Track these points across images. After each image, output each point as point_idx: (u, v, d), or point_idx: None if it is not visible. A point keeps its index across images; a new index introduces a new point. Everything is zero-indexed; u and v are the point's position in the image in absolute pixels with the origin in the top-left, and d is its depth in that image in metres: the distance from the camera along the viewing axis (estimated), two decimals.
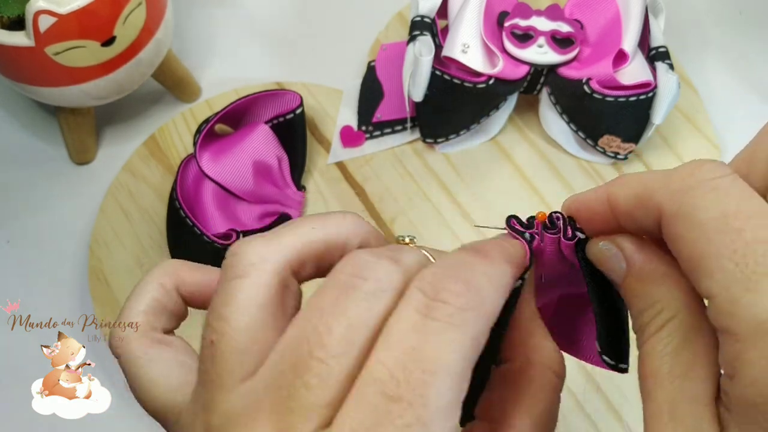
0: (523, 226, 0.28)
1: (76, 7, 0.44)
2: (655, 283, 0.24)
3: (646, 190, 0.23)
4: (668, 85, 0.49)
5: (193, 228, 0.47)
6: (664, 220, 0.22)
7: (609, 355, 0.29)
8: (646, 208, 0.23)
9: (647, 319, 0.24)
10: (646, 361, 0.24)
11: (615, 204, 0.25)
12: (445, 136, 0.53)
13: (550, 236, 0.28)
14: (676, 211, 0.22)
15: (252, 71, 0.60)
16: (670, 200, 0.22)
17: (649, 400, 0.24)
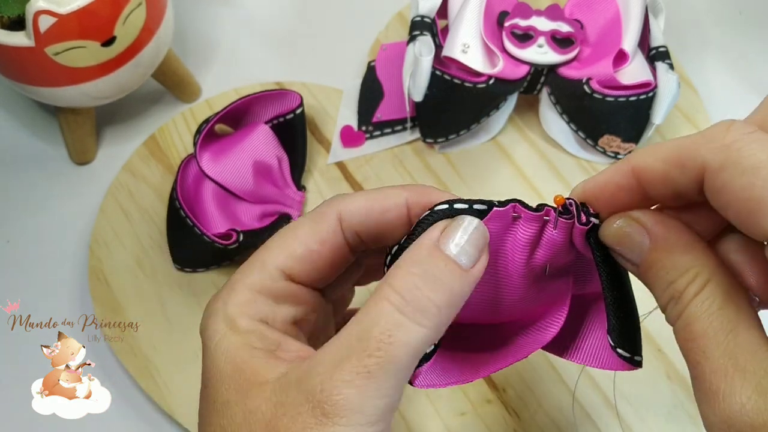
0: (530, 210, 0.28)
1: (76, 7, 0.44)
2: (684, 250, 0.26)
3: (684, 150, 0.24)
4: (668, 85, 0.49)
5: (193, 228, 0.47)
6: (710, 174, 0.24)
7: (624, 347, 0.29)
8: (685, 167, 0.24)
9: (682, 286, 0.25)
10: (693, 325, 0.25)
11: (643, 173, 0.26)
12: (445, 136, 0.53)
13: (564, 222, 0.28)
14: (722, 162, 0.23)
15: (252, 71, 0.60)
16: (714, 154, 0.23)
17: (705, 359, 0.24)
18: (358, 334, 0.25)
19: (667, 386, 0.46)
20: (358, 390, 0.25)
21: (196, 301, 0.50)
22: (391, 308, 0.25)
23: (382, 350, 0.25)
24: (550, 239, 0.28)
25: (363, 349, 0.25)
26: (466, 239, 0.27)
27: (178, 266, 0.50)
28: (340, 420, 0.25)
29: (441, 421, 0.45)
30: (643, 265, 0.27)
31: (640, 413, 0.45)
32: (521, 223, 0.28)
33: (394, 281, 0.26)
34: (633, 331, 0.29)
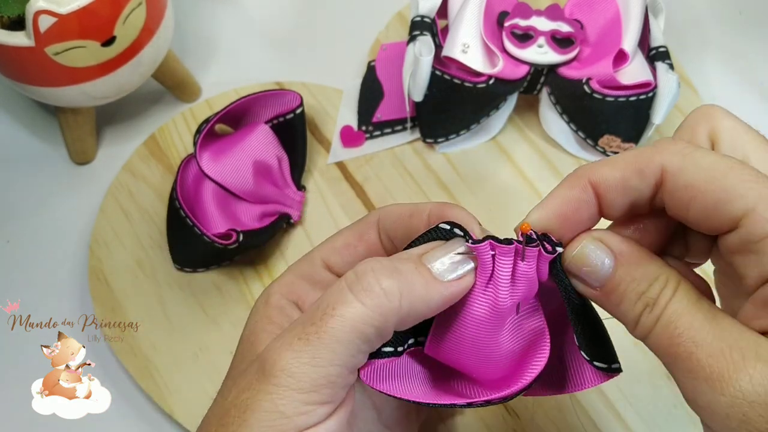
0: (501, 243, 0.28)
1: (76, 7, 0.44)
2: (651, 261, 0.28)
3: (641, 158, 0.27)
4: (668, 85, 0.49)
5: (193, 228, 0.47)
6: (671, 175, 0.26)
7: (598, 359, 0.29)
8: (644, 172, 0.27)
9: (656, 292, 0.27)
10: (677, 321, 0.26)
11: (601, 183, 0.28)
12: (445, 136, 0.53)
13: (530, 251, 0.28)
14: (681, 164, 0.26)
15: (252, 71, 0.60)
16: (672, 158, 0.26)
17: (697, 347, 0.25)
18: (313, 306, 0.28)
19: (667, 386, 0.46)
20: (292, 353, 0.26)
21: (196, 301, 0.50)
22: (343, 285, 0.27)
23: (323, 320, 0.27)
24: (522, 274, 0.29)
25: (308, 318, 0.27)
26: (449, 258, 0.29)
27: (178, 266, 0.50)
28: (273, 380, 0.26)
29: (441, 421, 0.45)
30: (607, 285, 0.28)
31: (640, 413, 0.45)
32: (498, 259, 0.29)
33: (358, 266, 0.28)
34: (603, 342, 0.30)
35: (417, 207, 0.32)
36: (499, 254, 0.28)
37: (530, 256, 0.28)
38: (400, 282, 0.27)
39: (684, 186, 0.26)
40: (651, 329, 0.27)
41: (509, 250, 0.28)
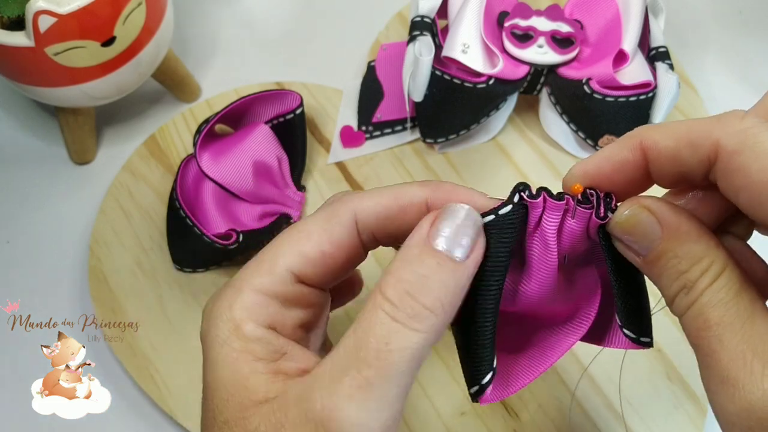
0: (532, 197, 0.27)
1: (76, 7, 0.44)
2: (696, 240, 0.26)
3: (697, 131, 0.25)
4: (668, 85, 0.49)
5: (193, 228, 0.47)
6: (724, 156, 0.24)
7: (630, 328, 0.29)
8: (697, 147, 0.25)
9: (696, 275, 0.25)
10: (708, 313, 0.24)
11: (652, 148, 0.26)
12: (445, 136, 0.53)
13: (582, 211, 0.27)
14: (738, 145, 0.24)
15: (252, 71, 0.60)
16: (730, 137, 0.24)
17: (721, 347, 0.24)
18: (355, 345, 0.25)
19: (667, 386, 0.46)
20: (358, 405, 0.24)
21: (196, 301, 0.50)
22: (385, 316, 0.25)
23: (380, 359, 0.24)
24: (569, 229, 0.28)
25: (361, 359, 0.24)
26: (455, 230, 0.26)
27: (178, 266, 0.50)
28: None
29: (441, 421, 0.45)
30: (650, 255, 0.26)
31: (640, 413, 0.45)
32: (547, 212, 0.28)
33: (386, 289, 0.25)
34: (639, 313, 0.29)
35: (404, 197, 0.29)
36: (548, 209, 0.27)
37: (580, 216, 0.27)
38: (436, 291, 0.25)
39: (736, 170, 0.24)
40: (684, 312, 0.25)
41: (559, 206, 0.27)
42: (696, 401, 0.45)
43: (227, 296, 0.28)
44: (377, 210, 0.29)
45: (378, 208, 0.29)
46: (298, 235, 0.29)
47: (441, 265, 0.26)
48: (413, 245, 0.26)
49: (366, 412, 0.24)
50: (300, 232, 0.29)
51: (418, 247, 0.26)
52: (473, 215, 0.27)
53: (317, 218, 0.29)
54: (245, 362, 0.27)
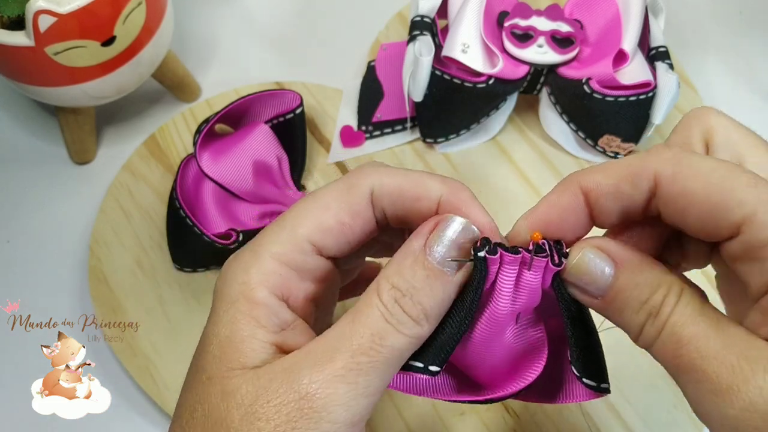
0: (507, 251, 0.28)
1: (76, 7, 0.44)
2: (653, 268, 0.27)
3: (634, 166, 0.26)
4: (668, 85, 0.49)
5: (193, 228, 0.47)
6: (665, 182, 0.26)
7: (589, 376, 0.29)
8: (636, 180, 0.26)
9: (659, 300, 0.26)
10: (681, 331, 0.25)
11: (593, 190, 0.27)
12: (445, 136, 0.53)
13: (539, 260, 0.27)
14: (675, 171, 0.25)
15: (252, 71, 0.60)
16: (666, 165, 0.26)
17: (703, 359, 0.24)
18: (350, 332, 0.26)
19: (667, 386, 0.46)
20: (348, 386, 0.25)
21: (196, 301, 0.50)
22: (380, 315, 0.26)
23: (374, 350, 0.26)
24: (526, 282, 0.28)
25: (356, 346, 0.26)
26: (450, 244, 0.27)
27: (178, 266, 0.50)
28: (326, 415, 0.25)
29: (441, 421, 0.45)
30: (609, 293, 0.27)
31: (640, 413, 0.45)
32: (503, 267, 0.28)
33: (381, 292, 0.27)
34: (597, 360, 0.29)
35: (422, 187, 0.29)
36: (505, 263, 0.28)
37: (537, 266, 0.28)
38: (425, 301, 0.27)
39: (679, 194, 0.25)
40: (654, 339, 0.26)
41: (515, 260, 0.28)
42: None
43: (245, 258, 0.29)
44: (394, 191, 0.29)
45: (395, 190, 0.29)
46: (317, 204, 0.29)
47: (430, 278, 0.27)
48: (408, 253, 0.28)
49: (353, 393, 0.25)
50: (319, 201, 0.29)
51: (413, 255, 0.27)
52: (470, 231, 0.28)
53: (337, 188, 0.30)
54: (246, 325, 0.27)
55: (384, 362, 0.26)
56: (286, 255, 0.29)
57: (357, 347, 0.26)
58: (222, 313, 0.28)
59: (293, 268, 0.29)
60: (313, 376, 0.25)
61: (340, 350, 0.26)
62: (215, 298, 0.29)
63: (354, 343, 0.26)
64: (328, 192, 0.29)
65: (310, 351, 0.26)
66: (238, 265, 0.29)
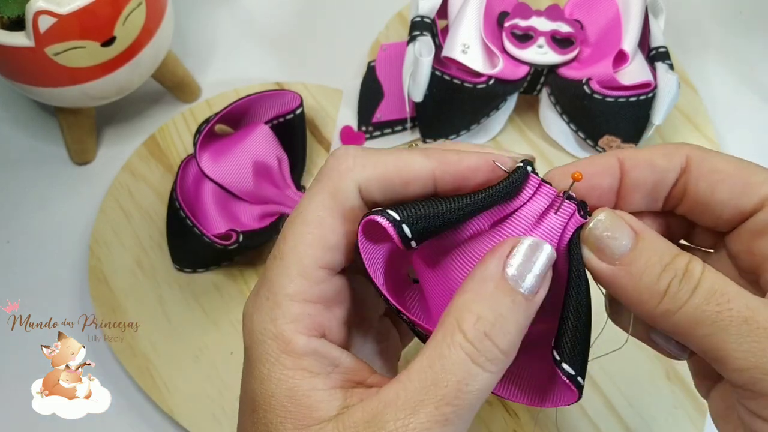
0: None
1: (76, 8, 0.44)
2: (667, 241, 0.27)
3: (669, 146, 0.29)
4: (668, 85, 0.49)
5: (193, 228, 0.47)
6: (695, 163, 0.28)
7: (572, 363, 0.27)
8: (672, 155, 0.28)
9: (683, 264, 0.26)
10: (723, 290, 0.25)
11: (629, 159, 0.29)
12: (445, 136, 0.53)
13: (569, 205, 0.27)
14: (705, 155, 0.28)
15: (252, 71, 0.60)
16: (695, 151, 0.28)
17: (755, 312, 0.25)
18: (433, 380, 0.25)
19: (667, 386, 0.46)
20: None
21: (196, 301, 0.50)
22: (466, 358, 0.25)
23: (459, 399, 0.25)
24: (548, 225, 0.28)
25: (441, 397, 0.25)
26: (533, 268, 0.26)
27: (178, 266, 0.50)
28: None
29: None
30: (628, 256, 0.27)
31: (640, 413, 0.45)
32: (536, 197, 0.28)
33: (466, 327, 0.25)
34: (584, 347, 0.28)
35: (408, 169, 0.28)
36: (539, 194, 0.27)
37: (565, 210, 0.27)
38: (511, 331, 0.26)
39: (711, 170, 0.28)
40: (686, 301, 0.25)
41: (550, 191, 0.27)
42: (696, 401, 0.45)
43: (266, 309, 0.27)
44: (381, 182, 0.28)
45: (382, 180, 0.28)
46: (309, 224, 0.28)
47: (515, 303, 0.26)
48: (488, 278, 0.26)
49: None
50: (310, 220, 0.28)
51: (494, 281, 0.26)
52: (550, 254, 0.27)
53: (321, 198, 0.28)
54: (302, 380, 0.26)
55: (469, 408, 0.25)
56: (305, 292, 0.27)
57: (442, 398, 0.24)
58: (267, 374, 0.26)
59: (317, 302, 0.27)
60: (399, 430, 0.24)
61: (424, 401, 0.25)
62: (250, 355, 0.27)
63: (438, 393, 0.25)
64: (314, 205, 0.28)
65: (389, 400, 0.25)
66: (261, 318, 0.27)
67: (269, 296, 0.27)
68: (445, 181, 0.28)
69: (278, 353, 0.26)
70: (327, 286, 0.28)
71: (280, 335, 0.26)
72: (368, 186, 0.28)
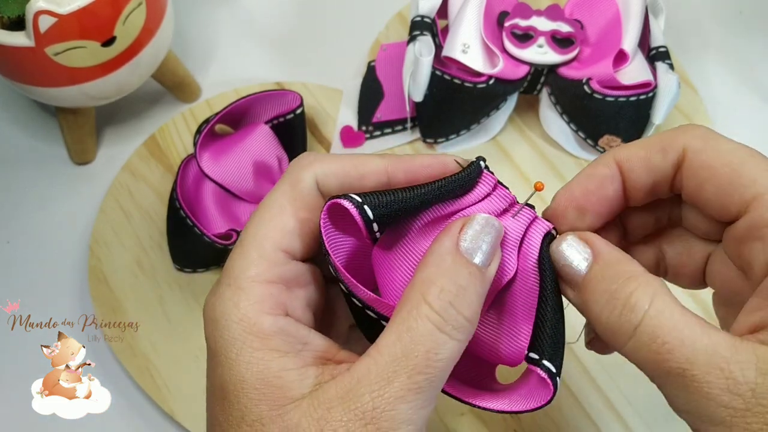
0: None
1: (76, 8, 0.44)
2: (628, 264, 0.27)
3: (665, 139, 0.29)
4: (668, 85, 0.49)
5: (193, 228, 0.47)
6: (692, 154, 0.28)
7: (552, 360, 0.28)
8: (667, 151, 0.28)
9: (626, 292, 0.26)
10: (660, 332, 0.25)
11: (626, 161, 0.29)
12: (445, 136, 0.53)
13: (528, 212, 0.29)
14: (703, 145, 0.28)
15: (252, 71, 0.60)
16: (695, 140, 0.28)
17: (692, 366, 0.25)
18: (403, 351, 0.26)
19: None
20: (409, 405, 0.25)
21: (196, 301, 0.50)
22: (433, 327, 0.26)
23: (430, 367, 0.26)
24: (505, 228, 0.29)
25: (412, 366, 0.25)
26: (484, 240, 0.27)
27: (178, 266, 0.50)
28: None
29: (441, 421, 0.45)
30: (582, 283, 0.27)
31: (640, 413, 0.45)
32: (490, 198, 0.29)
33: (430, 299, 0.26)
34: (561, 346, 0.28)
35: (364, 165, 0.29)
36: (495, 195, 0.29)
37: (524, 216, 0.28)
38: (472, 301, 0.27)
39: (701, 166, 0.27)
40: (629, 338, 0.26)
41: (508, 196, 0.29)
42: None
43: (227, 295, 0.28)
44: (336, 175, 0.29)
45: (337, 174, 0.29)
46: (269, 211, 0.29)
47: (473, 274, 0.27)
48: (445, 253, 0.27)
49: (414, 409, 0.25)
50: (271, 207, 0.29)
51: (451, 255, 0.27)
52: (499, 227, 0.28)
53: (282, 189, 0.29)
54: (272, 360, 0.27)
55: (440, 375, 0.26)
56: (266, 273, 0.28)
57: (413, 367, 0.25)
58: (235, 358, 0.27)
59: (278, 282, 0.28)
60: (375, 402, 0.25)
61: (396, 372, 0.25)
62: (215, 346, 0.28)
63: (410, 363, 0.25)
64: (275, 195, 0.29)
65: (362, 374, 0.26)
66: (224, 305, 0.28)
67: (230, 282, 0.28)
68: (397, 178, 0.29)
69: (245, 335, 0.27)
70: (287, 269, 0.28)
71: (245, 317, 0.27)
72: (326, 179, 0.29)
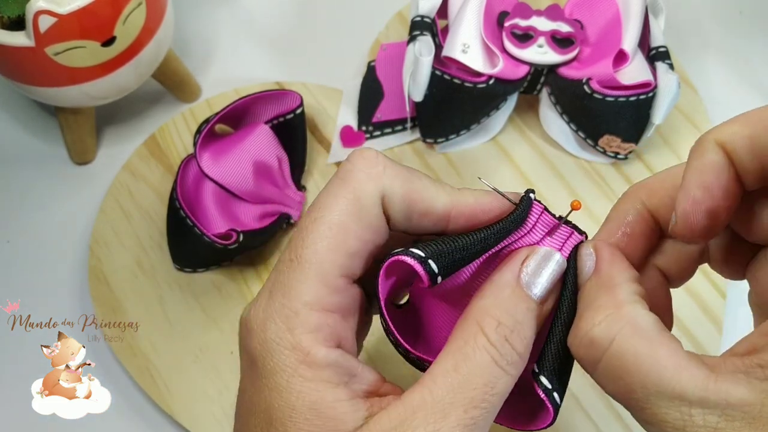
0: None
1: (76, 7, 0.44)
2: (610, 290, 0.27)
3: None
4: (668, 85, 0.49)
5: (193, 228, 0.47)
6: None
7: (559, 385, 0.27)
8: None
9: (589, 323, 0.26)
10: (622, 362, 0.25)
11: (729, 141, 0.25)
12: (445, 136, 0.53)
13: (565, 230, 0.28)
14: None
15: (252, 71, 0.60)
16: None
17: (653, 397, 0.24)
18: (460, 382, 0.25)
19: None
20: None
21: (196, 301, 0.50)
22: (491, 361, 0.25)
23: (486, 401, 0.25)
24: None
25: (469, 399, 0.25)
26: (545, 275, 0.27)
27: (178, 266, 0.50)
28: None
29: None
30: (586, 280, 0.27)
31: None
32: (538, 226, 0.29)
33: (486, 329, 0.26)
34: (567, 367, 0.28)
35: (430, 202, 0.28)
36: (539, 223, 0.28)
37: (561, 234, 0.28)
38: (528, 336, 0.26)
39: None
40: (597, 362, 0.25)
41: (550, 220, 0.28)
42: None
43: (282, 317, 0.26)
44: (403, 199, 0.27)
45: (406, 200, 0.27)
46: (331, 228, 0.26)
47: (530, 310, 0.27)
48: (505, 284, 0.27)
49: None
50: (331, 224, 0.26)
51: (510, 287, 0.27)
52: (557, 257, 0.28)
53: (344, 201, 0.27)
54: (325, 391, 0.25)
55: (493, 411, 0.26)
56: (325, 300, 0.26)
57: (470, 400, 0.25)
58: (285, 384, 0.25)
59: (335, 312, 0.26)
60: None
61: (453, 404, 0.25)
62: (262, 365, 0.26)
63: (466, 396, 0.25)
64: (338, 207, 0.26)
65: (415, 406, 0.25)
66: (276, 327, 0.26)
67: (285, 303, 0.26)
68: (458, 224, 0.28)
69: (297, 364, 0.25)
70: (345, 296, 0.27)
71: (299, 346, 0.25)
72: (391, 200, 0.27)
